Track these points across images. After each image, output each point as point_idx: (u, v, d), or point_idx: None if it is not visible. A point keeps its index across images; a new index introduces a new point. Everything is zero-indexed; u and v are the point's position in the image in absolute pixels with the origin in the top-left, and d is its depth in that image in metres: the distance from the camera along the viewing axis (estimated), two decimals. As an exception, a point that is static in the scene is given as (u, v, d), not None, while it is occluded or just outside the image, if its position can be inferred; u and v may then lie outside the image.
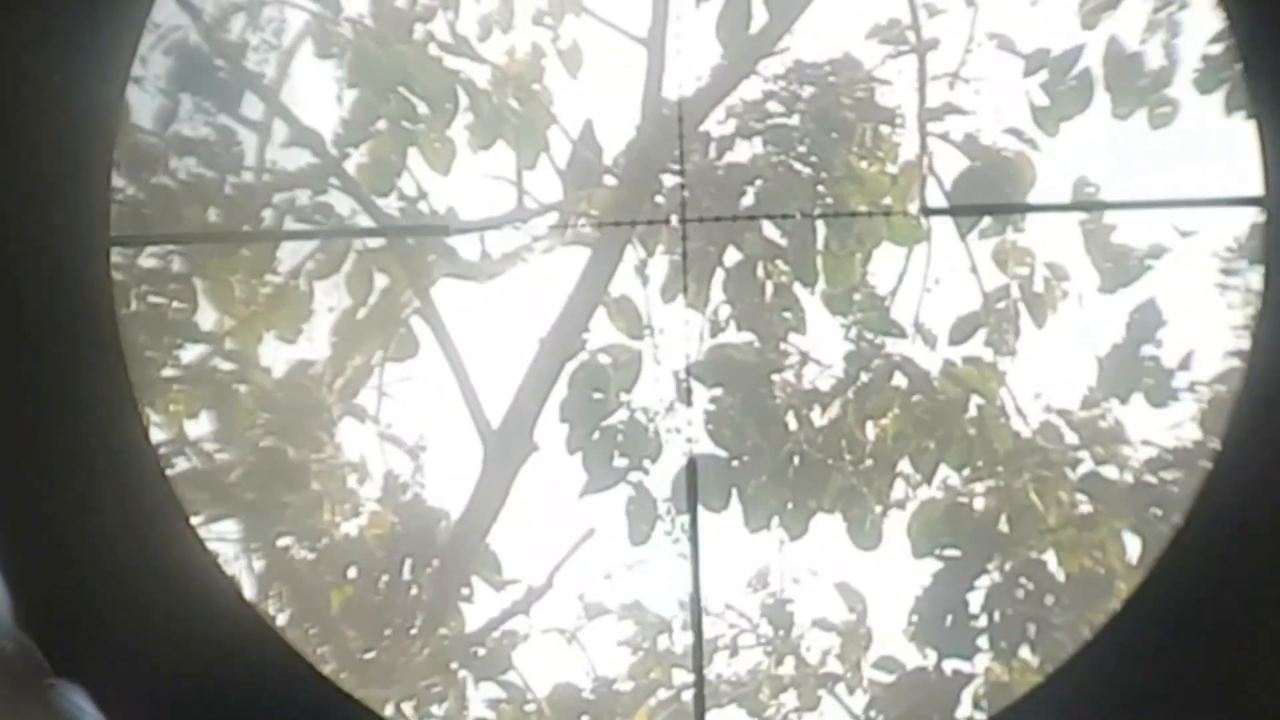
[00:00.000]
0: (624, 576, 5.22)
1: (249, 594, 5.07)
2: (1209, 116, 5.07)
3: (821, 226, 5.07)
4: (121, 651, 3.14)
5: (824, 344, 5.13)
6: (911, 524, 5.06)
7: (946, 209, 5.15)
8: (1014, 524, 5.07)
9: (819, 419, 5.11)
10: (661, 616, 5.25)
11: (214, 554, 3.58)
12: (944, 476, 5.09)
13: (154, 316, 5.08)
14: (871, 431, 5.10)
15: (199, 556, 3.42)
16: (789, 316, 5.09)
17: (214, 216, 5.17)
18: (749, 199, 5.11)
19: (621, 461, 5.12)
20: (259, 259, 5.16)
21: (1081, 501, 5.08)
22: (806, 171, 5.10)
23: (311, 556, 5.22)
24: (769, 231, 5.09)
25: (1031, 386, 5.09)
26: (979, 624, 5.06)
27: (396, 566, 5.22)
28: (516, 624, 5.24)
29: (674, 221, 5.08)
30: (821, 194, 5.09)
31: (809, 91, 5.11)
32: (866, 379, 5.12)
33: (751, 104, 5.15)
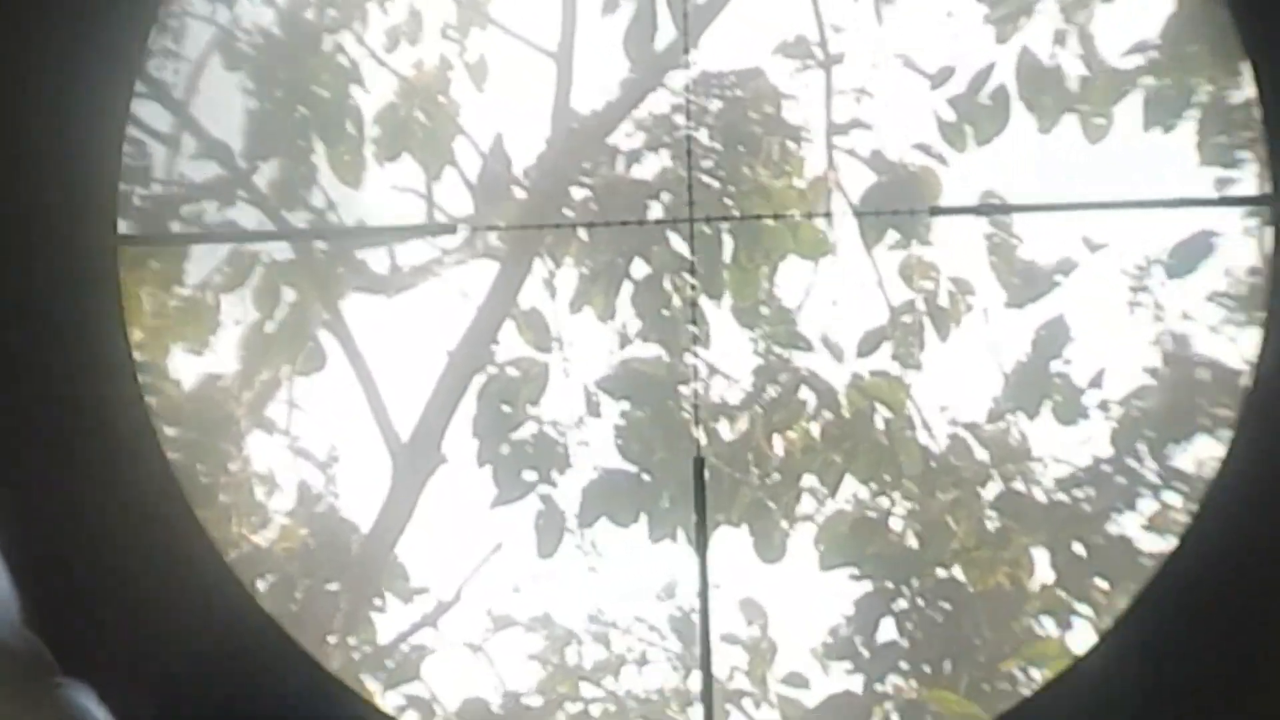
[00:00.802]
0: (532, 589, 5.22)
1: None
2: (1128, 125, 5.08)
3: (729, 240, 5.07)
4: (129, 651, 3.13)
5: (732, 357, 5.13)
6: (819, 538, 5.07)
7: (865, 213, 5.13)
8: (924, 540, 5.07)
9: (727, 433, 5.11)
10: (570, 629, 5.24)
11: (220, 548, 3.56)
12: (852, 490, 5.10)
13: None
14: (780, 445, 5.11)
15: (206, 552, 3.40)
16: (696, 330, 5.09)
17: (123, 228, 5.16)
18: (656, 212, 5.11)
19: (530, 475, 5.13)
20: (168, 271, 5.15)
21: (991, 518, 5.09)
22: (714, 184, 5.10)
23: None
24: (676, 244, 5.09)
25: (938, 400, 5.10)
26: (892, 641, 5.07)
27: (311, 578, 5.21)
28: (425, 637, 5.24)
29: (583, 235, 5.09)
30: (729, 207, 5.09)
31: (716, 105, 5.11)
32: (775, 393, 5.12)
33: (659, 117, 5.16)
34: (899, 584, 5.03)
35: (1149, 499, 4.95)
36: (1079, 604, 4.95)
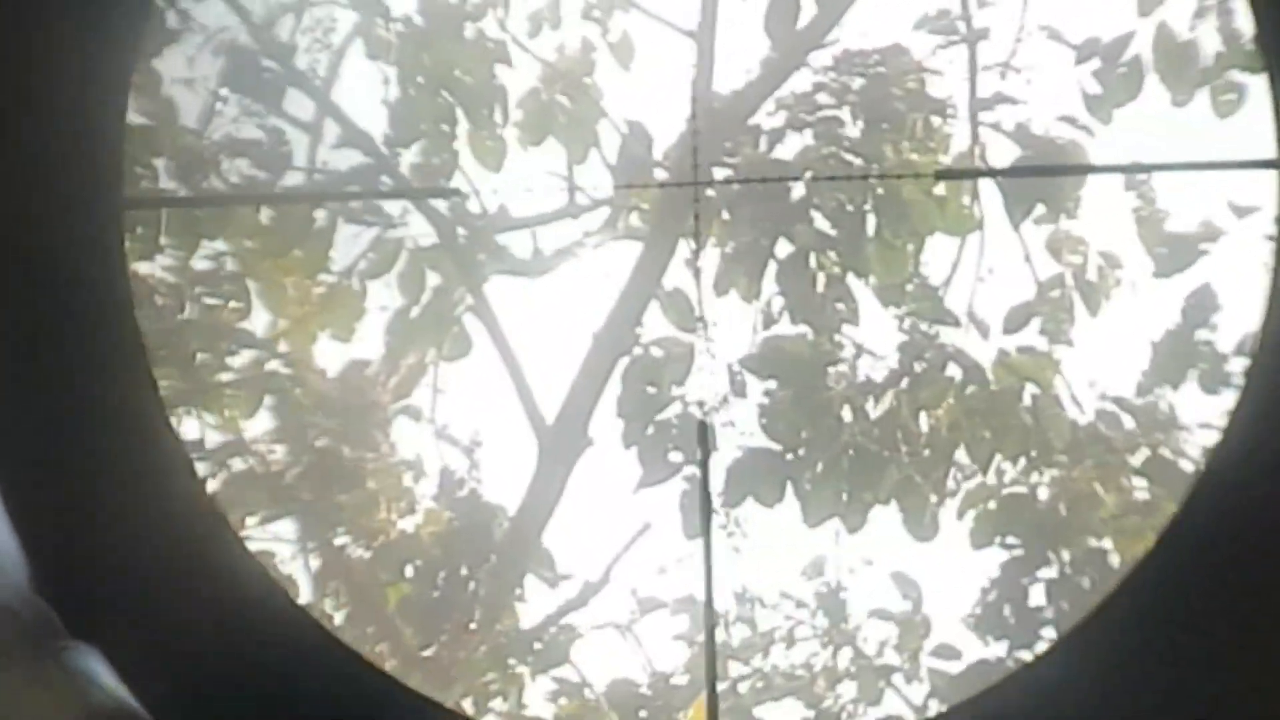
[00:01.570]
0: (677, 570, 5.23)
1: (305, 594, 5.11)
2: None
3: (873, 217, 5.06)
4: (138, 616, 3.13)
5: (877, 335, 5.12)
6: (969, 513, 5.06)
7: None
8: (1073, 512, 5.06)
9: (873, 411, 5.10)
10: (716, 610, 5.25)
11: (226, 517, 3.55)
12: (1000, 466, 5.09)
13: (208, 319, 5.12)
14: (926, 422, 5.09)
15: (215, 522, 3.38)
16: (842, 308, 5.08)
17: (265, 219, 5.20)
18: (800, 191, 5.11)
19: (676, 456, 5.13)
20: (312, 259, 5.18)
21: (1139, 488, 5.07)
22: (858, 163, 5.10)
23: (368, 555, 5.24)
24: (820, 223, 5.08)
25: (1087, 374, 5.08)
26: (1042, 613, 5.06)
27: (454, 563, 5.23)
28: (573, 619, 5.25)
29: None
30: (873, 186, 5.08)
31: (859, 83, 5.10)
32: (920, 369, 5.11)
33: (801, 96, 5.15)
34: (1049, 555, 5.02)
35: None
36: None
